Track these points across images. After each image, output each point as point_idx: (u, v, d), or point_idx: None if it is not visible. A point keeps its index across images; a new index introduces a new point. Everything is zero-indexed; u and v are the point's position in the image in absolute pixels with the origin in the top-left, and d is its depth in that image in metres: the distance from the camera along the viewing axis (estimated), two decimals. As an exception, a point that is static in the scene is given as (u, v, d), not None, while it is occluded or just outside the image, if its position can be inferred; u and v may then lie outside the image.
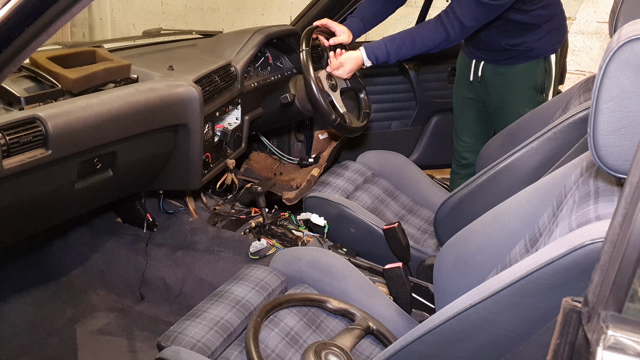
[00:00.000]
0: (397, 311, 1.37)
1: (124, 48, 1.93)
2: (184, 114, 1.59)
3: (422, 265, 1.75)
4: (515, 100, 2.11)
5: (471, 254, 1.18)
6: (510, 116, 2.13)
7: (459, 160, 2.44)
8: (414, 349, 0.92)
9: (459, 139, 2.40)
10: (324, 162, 2.30)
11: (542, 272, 0.75)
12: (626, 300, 0.51)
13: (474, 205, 1.53)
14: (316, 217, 1.84)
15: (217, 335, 1.24)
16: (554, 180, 1.08)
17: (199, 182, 1.75)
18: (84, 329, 1.78)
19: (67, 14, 0.88)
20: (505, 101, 2.13)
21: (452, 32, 1.79)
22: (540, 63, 2.05)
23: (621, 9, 1.08)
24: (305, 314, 1.32)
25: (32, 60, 1.40)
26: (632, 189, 0.52)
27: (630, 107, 0.68)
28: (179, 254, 1.90)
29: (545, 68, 2.06)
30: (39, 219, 1.48)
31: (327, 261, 1.44)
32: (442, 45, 1.84)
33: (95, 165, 1.44)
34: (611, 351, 0.50)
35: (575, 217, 0.84)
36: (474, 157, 2.39)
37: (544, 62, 2.05)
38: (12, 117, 1.16)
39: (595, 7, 3.07)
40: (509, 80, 2.08)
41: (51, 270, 1.96)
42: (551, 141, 1.45)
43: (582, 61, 3.18)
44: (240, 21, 4.18)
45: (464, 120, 2.35)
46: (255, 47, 1.95)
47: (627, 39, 0.67)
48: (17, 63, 0.92)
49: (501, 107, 2.16)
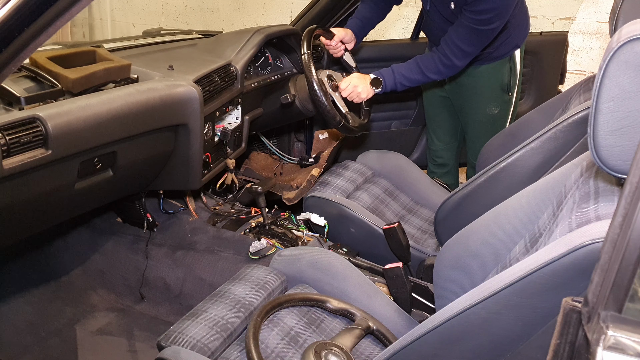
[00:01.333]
0: (397, 311, 1.37)
1: (124, 48, 1.93)
2: (184, 114, 1.59)
3: (422, 265, 1.75)
4: (481, 100, 2.15)
5: (471, 254, 1.18)
6: (477, 115, 2.18)
7: (434, 159, 2.47)
8: (414, 349, 0.92)
9: (433, 139, 2.42)
10: (324, 162, 2.30)
11: (542, 272, 0.75)
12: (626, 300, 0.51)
13: (474, 205, 1.53)
14: (316, 217, 1.84)
15: (217, 335, 1.24)
16: (554, 180, 1.08)
17: (199, 182, 1.75)
18: (84, 329, 1.78)
19: (67, 14, 0.88)
20: (471, 100, 2.17)
21: (455, 59, 1.84)
22: (506, 62, 2.10)
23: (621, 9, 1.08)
24: (305, 314, 1.32)
25: (32, 60, 1.40)
26: (632, 189, 0.52)
27: (630, 107, 0.68)
28: (179, 254, 1.90)
29: (511, 67, 2.10)
30: (39, 219, 1.48)
31: (327, 261, 1.44)
32: (448, 73, 1.90)
33: (95, 165, 1.44)
34: (611, 351, 0.50)
35: (575, 217, 0.84)
36: (449, 155, 2.42)
37: (509, 61, 2.09)
38: (12, 117, 1.16)
39: (595, 7, 3.07)
40: (475, 80, 2.12)
41: (51, 270, 1.96)
42: (551, 141, 1.45)
43: (582, 61, 3.18)
44: (240, 21, 4.18)
45: (438, 120, 2.37)
46: (255, 47, 1.95)
47: (627, 39, 0.67)
48: (17, 63, 0.92)
49: (467, 106, 2.20)
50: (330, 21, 2.43)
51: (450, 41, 1.84)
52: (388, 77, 1.90)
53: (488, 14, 1.75)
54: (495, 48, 2.02)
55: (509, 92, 2.14)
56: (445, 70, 1.88)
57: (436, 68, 1.87)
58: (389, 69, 1.91)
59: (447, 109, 2.32)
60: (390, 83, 1.90)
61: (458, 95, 2.22)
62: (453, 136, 2.38)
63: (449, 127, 2.36)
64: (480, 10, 1.74)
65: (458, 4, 1.82)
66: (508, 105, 2.17)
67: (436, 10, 1.95)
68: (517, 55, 2.11)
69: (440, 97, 2.30)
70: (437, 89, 2.30)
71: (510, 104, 2.17)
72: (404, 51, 2.43)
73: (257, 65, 2.14)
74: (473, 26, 1.79)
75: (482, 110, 2.16)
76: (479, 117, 2.19)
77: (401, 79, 1.89)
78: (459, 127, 2.34)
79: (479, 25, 1.78)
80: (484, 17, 1.76)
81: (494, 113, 2.15)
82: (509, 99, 2.15)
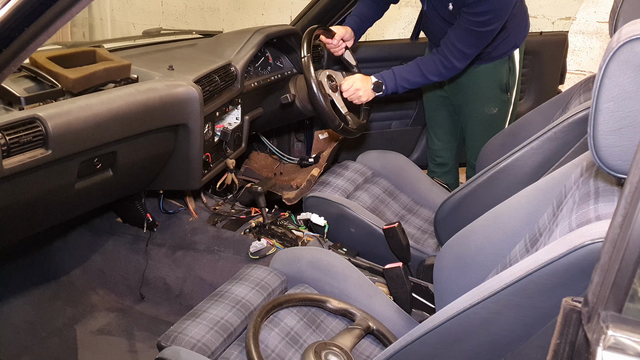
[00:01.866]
0: (397, 311, 1.37)
1: (124, 48, 1.93)
2: (184, 114, 1.59)
3: (422, 265, 1.75)
4: (480, 99, 2.16)
5: (471, 254, 1.18)
6: (476, 115, 2.19)
7: (434, 159, 2.48)
8: (414, 349, 0.92)
9: (433, 138, 2.43)
10: (324, 162, 2.30)
11: (542, 272, 0.75)
12: (626, 300, 0.51)
13: (474, 205, 1.53)
14: (316, 217, 1.84)
15: (217, 335, 1.24)
16: (554, 180, 1.08)
17: (199, 182, 1.75)
18: (84, 329, 1.78)
19: (67, 14, 0.88)
20: (470, 100, 2.18)
21: (455, 61, 1.86)
22: (505, 62, 2.10)
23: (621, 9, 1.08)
24: (305, 313, 1.32)
25: (32, 60, 1.39)
26: (632, 189, 0.52)
27: (630, 107, 0.68)
28: (179, 254, 1.90)
29: (510, 67, 2.11)
30: (39, 219, 1.48)
31: (327, 261, 1.44)
32: (448, 74, 1.91)
33: (95, 165, 1.44)
34: (611, 351, 0.50)
35: (576, 217, 0.84)
36: (449, 155, 2.43)
37: (508, 61, 2.10)
38: (12, 117, 1.16)
39: (595, 7, 3.07)
40: (474, 80, 2.12)
41: (51, 270, 1.96)
42: (551, 141, 1.45)
43: (582, 61, 3.18)
44: (240, 21, 4.17)
45: (438, 119, 2.38)
46: (255, 47, 1.95)
47: (627, 39, 0.67)
48: (17, 63, 0.92)
49: (466, 105, 2.21)
50: (330, 21, 2.43)
51: (449, 43, 1.85)
52: (389, 80, 1.90)
53: (486, 16, 1.76)
54: (494, 48, 2.02)
55: (507, 92, 2.14)
56: (446, 72, 1.89)
57: (437, 70, 1.88)
58: (390, 72, 1.91)
59: (446, 109, 2.33)
60: (391, 86, 1.91)
61: (457, 94, 2.22)
62: (453, 136, 2.38)
63: (449, 126, 2.37)
64: (478, 12, 1.75)
65: (456, 5, 1.83)
66: (507, 105, 2.17)
67: (434, 11, 1.96)
68: (517, 55, 2.11)
69: (440, 96, 2.31)
70: (437, 89, 2.31)
71: (509, 103, 2.18)
72: (404, 51, 2.44)
73: (257, 65, 2.14)
74: (472, 28, 1.79)
75: (481, 109, 2.16)
76: (478, 116, 2.19)
77: (402, 81, 1.90)
78: (458, 127, 2.34)
79: (478, 27, 1.79)
80: (482, 18, 1.77)
81: (493, 113, 2.16)
82: (507, 98, 2.16)
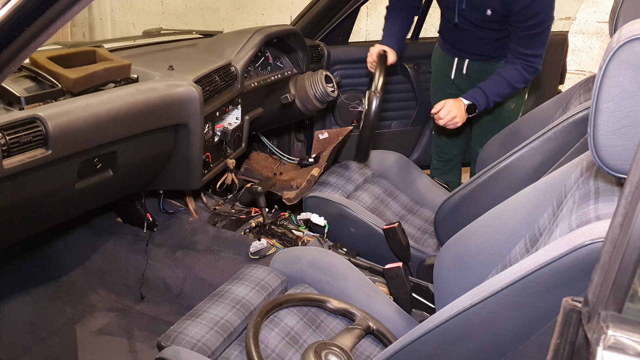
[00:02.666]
0: (397, 311, 1.37)
1: (124, 48, 1.93)
2: (184, 113, 1.59)
3: (422, 265, 1.75)
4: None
5: (471, 254, 1.18)
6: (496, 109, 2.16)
7: (440, 155, 2.47)
8: (414, 349, 0.91)
9: (438, 135, 2.41)
10: (324, 162, 2.29)
11: (542, 272, 0.75)
12: (626, 300, 0.51)
13: (474, 205, 1.53)
14: (316, 217, 1.84)
15: (217, 335, 1.24)
16: (554, 180, 1.08)
17: (199, 182, 1.75)
18: (84, 329, 1.78)
19: (67, 14, 0.88)
20: None
21: (536, 64, 1.92)
22: None
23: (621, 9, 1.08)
24: (306, 313, 1.32)
25: (32, 60, 1.39)
26: (632, 189, 0.52)
27: (630, 107, 0.68)
28: (179, 254, 1.90)
29: None
30: (39, 219, 1.48)
31: (327, 261, 1.44)
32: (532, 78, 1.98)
33: (95, 165, 1.44)
34: (611, 351, 0.50)
35: (576, 217, 0.84)
36: (455, 151, 2.42)
37: None
38: (12, 117, 1.16)
39: (595, 7, 3.07)
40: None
41: (51, 270, 1.96)
42: (551, 141, 1.45)
43: (582, 61, 3.18)
44: (240, 21, 4.18)
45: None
46: (255, 47, 1.95)
47: (627, 39, 0.67)
48: (17, 63, 0.91)
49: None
50: (329, 21, 2.43)
51: (520, 54, 1.90)
52: (481, 99, 1.96)
53: (537, 18, 1.80)
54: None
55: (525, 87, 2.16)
56: (531, 77, 1.96)
57: (523, 77, 1.94)
58: (478, 90, 1.96)
59: None
60: (483, 103, 1.96)
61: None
62: (460, 133, 2.37)
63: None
64: (528, 17, 1.79)
65: (496, 10, 1.85)
66: (522, 99, 2.20)
67: (467, 21, 1.98)
68: None
69: (448, 94, 2.28)
70: (447, 87, 2.29)
71: (524, 98, 2.21)
72: (404, 51, 2.43)
73: (257, 65, 2.14)
74: (530, 33, 1.84)
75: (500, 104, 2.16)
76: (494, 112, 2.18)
77: (493, 96, 1.96)
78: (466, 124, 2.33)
79: (534, 29, 1.83)
80: (534, 21, 1.80)
81: (511, 108, 2.17)
82: (524, 93, 2.20)
